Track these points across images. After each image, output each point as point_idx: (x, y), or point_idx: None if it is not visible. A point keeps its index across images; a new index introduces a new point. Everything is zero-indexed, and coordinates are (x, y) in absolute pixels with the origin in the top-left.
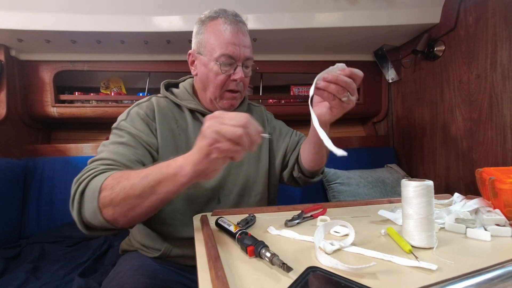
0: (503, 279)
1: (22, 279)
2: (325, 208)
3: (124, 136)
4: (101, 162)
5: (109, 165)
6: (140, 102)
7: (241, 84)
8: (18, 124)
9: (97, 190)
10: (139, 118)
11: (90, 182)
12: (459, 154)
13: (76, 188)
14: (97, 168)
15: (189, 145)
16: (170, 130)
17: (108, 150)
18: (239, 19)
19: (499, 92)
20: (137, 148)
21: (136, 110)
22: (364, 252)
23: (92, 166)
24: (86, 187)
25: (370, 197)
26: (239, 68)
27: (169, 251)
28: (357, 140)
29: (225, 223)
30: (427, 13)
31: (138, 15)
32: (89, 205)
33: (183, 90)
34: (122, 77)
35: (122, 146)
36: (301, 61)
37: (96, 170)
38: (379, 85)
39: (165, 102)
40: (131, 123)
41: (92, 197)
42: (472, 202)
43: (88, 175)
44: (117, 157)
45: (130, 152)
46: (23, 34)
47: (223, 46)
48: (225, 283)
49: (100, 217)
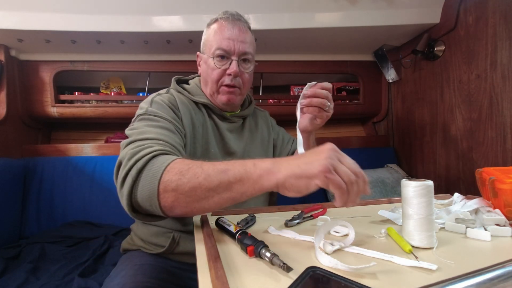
0: (503, 279)
1: (22, 279)
2: (325, 208)
3: (159, 120)
4: (153, 142)
5: (165, 146)
6: (159, 92)
7: (239, 80)
8: (18, 124)
9: (161, 171)
10: (166, 106)
11: (152, 161)
12: (459, 154)
13: (134, 163)
14: (156, 146)
15: (206, 138)
16: (191, 121)
17: (152, 130)
18: (238, 17)
19: (499, 92)
20: (175, 133)
21: (160, 98)
22: (364, 252)
23: (147, 143)
24: (145, 165)
25: (370, 197)
26: (234, 63)
27: (173, 248)
28: (357, 140)
29: (225, 223)
30: (427, 13)
31: (138, 15)
32: (147, 185)
33: (194, 86)
34: (122, 77)
35: (162, 129)
36: (301, 61)
37: (156, 149)
38: (379, 85)
39: (182, 96)
40: (160, 108)
41: (152, 178)
42: (472, 202)
43: (148, 152)
44: (168, 139)
45: (172, 137)
46: (23, 34)
47: (218, 41)
48: (225, 283)
49: (156, 201)
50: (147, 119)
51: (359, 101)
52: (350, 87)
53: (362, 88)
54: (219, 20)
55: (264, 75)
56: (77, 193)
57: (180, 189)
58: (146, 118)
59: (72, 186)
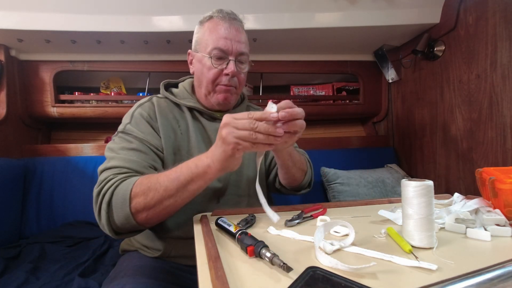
0: (503, 279)
1: (22, 279)
2: (325, 208)
3: (132, 141)
4: (117, 170)
5: (126, 173)
6: (141, 102)
7: (235, 80)
8: (18, 124)
9: (127, 198)
10: (144, 120)
11: (115, 192)
12: (459, 154)
13: (101, 199)
14: (116, 177)
15: (191, 144)
16: (172, 130)
17: (120, 157)
18: (233, 17)
19: (499, 92)
20: (147, 153)
21: (139, 112)
22: (364, 252)
23: (109, 176)
24: (112, 197)
25: (370, 197)
26: (231, 63)
27: (169, 251)
28: (357, 140)
29: (225, 223)
30: (427, 13)
31: (138, 15)
32: (120, 212)
33: (182, 89)
34: (122, 77)
35: (132, 152)
36: (301, 61)
37: (116, 180)
38: (379, 85)
39: (165, 102)
40: (137, 126)
41: (122, 205)
42: (472, 202)
43: (110, 185)
44: (131, 164)
45: (142, 158)
46: (23, 34)
47: (215, 41)
48: (225, 283)
49: (133, 221)
50: (122, 138)
51: (359, 101)
52: (350, 87)
53: (362, 88)
54: (214, 18)
55: (264, 75)
56: (77, 193)
57: (148, 206)
58: (122, 137)
59: (72, 186)
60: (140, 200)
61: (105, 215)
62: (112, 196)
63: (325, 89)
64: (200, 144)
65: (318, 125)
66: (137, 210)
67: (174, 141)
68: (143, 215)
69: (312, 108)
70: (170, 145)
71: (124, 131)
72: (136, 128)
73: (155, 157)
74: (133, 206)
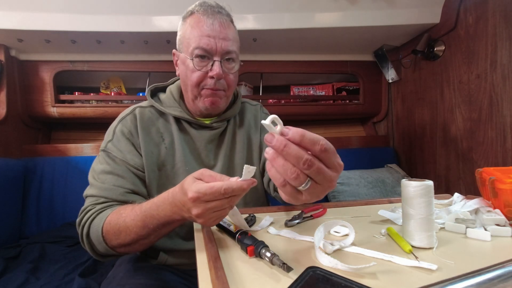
0: (503, 279)
1: (22, 279)
2: (325, 208)
3: (110, 163)
4: (94, 200)
5: (103, 203)
6: (123, 116)
7: (223, 82)
8: (18, 124)
9: (100, 236)
10: (124, 138)
11: (91, 225)
12: (459, 154)
13: (81, 231)
14: (94, 208)
15: (176, 158)
16: (155, 145)
17: (98, 185)
18: (218, 10)
19: (499, 92)
20: (125, 177)
21: (120, 128)
22: (364, 252)
23: (88, 207)
24: (89, 230)
25: (370, 197)
26: (216, 64)
27: (164, 261)
28: (357, 140)
29: (225, 223)
30: (427, 13)
31: (138, 15)
32: (99, 246)
33: (169, 95)
34: (122, 77)
35: (111, 176)
36: (301, 61)
37: (93, 212)
38: (379, 85)
39: (149, 113)
40: (118, 144)
41: (98, 241)
42: (472, 202)
43: (87, 217)
44: (107, 193)
45: (120, 184)
46: (23, 34)
47: (197, 39)
48: (225, 283)
49: (115, 252)
50: (103, 157)
51: (359, 101)
52: (350, 87)
53: (362, 88)
54: (195, 13)
55: (264, 75)
56: (77, 193)
57: (123, 244)
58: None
59: (72, 186)
60: (113, 239)
61: (87, 245)
62: (89, 230)
63: (325, 89)
64: (187, 157)
65: (318, 125)
66: (114, 246)
67: (158, 156)
68: (122, 250)
69: (312, 108)
70: (153, 161)
71: (105, 150)
72: (116, 147)
73: (135, 179)
74: (108, 243)
